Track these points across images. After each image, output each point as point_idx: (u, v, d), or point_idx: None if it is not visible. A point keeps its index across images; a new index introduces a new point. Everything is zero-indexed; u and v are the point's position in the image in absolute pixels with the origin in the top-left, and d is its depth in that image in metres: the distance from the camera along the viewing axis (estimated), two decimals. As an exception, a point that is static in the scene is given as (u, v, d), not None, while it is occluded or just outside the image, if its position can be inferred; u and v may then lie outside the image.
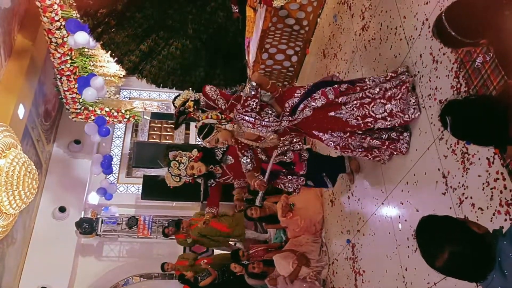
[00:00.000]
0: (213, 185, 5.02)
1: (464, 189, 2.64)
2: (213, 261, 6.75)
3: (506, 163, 2.32)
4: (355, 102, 3.24)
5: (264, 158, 3.75)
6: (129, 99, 10.20)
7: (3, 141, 3.48)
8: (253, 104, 3.27)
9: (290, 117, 3.35)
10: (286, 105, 3.37)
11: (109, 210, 8.74)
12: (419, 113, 3.11)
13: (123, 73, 8.28)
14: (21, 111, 6.33)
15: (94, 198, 8.87)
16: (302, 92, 3.37)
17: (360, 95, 3.25)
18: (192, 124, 10.55)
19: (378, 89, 3.20)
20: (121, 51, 6.08)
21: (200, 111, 5.15)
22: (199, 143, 9.66)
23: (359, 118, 3.24)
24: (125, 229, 8.65)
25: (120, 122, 8.37)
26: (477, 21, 1.62)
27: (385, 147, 3.37)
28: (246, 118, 3.29)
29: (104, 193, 8.55)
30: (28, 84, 6.55)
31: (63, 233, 8.13)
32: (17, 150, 3.71)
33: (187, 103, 4.97)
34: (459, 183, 2.68)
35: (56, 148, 8.79)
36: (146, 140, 10.62)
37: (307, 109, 3.31)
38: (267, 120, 3.29)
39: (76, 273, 8.37)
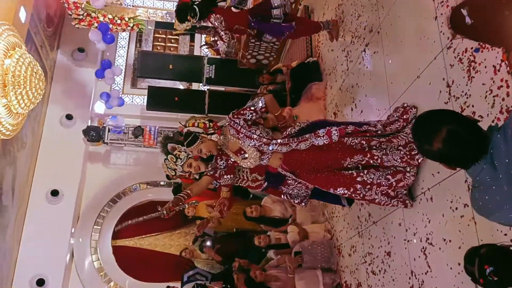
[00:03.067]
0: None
1: (467, 97, 2.67)
2: None
3: None
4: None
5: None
6: (132, 6, 9.89)
7: (7, 40, 3.46)
8: (249, 116, 3.15)
9: (281, 141, 3.17)
10: (284, 132, 3.25)
11: (117, 120, 8.86)
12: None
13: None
14: (22, 15, 6.18)
15: (100, 107, 8.96)
16: (301, 126, 3.26)
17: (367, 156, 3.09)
18: (197, 38, 10.35)
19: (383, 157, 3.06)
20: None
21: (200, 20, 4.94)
22: (204, 54, 9.55)
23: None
24: (131, 138, 8.82)
25: (124, 30, 8.21)
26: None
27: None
28: (236, 121, 3.15)
29: (108, 98, 8.58)
30: (28, -14, 6.34)
31: (71, 141, 8.33)
32: (22, 50, 3.69)
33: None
34: (462, 91, 2.70)
35: (60, 56, 8.71)
36: (151, 50, 10.47)
37: (303, 143, 3.15)
38: (253, 132, 3.14)
39: (85, 178, 8.70)
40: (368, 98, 4.23)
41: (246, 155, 3.25)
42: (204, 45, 8.91)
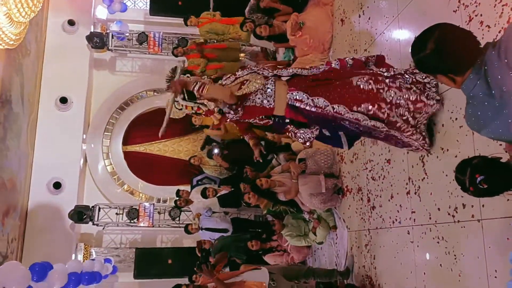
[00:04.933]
0: None
1: (476, 6, 2.59)
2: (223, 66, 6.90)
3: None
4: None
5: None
6: None
7: None
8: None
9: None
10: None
11: (122, 25, 8.65)
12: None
13: None
14: None
15: (102, 12, 8.71)
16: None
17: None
18: None
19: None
20: None
21: None
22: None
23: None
24: (135, 45, 8.69)
25: None
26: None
27: None
28: None
29: (110, 2, 8.33)
30: None
31: (76, 47, 8.22)
32: (17, -46, 3.54)
33: None
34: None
35: (58, -43, 8.30)
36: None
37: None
38: None
39: (92, 85, 8.73)
40: (376, 4, 4.09)
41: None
42: None
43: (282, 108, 3.16)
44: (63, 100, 7.92)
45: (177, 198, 7.11)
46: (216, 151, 7.14)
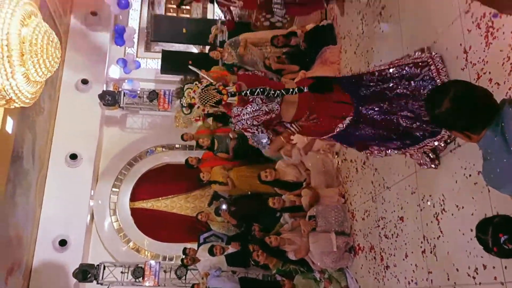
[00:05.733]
0: None
1: (484, 64, 2.63)
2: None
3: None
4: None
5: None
6: (144, -32, 9.72)
7: (24, 9, 3.47)
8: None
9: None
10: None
11: (133, 84, 8.90)
12: None
13: None
14: (35, -21, 6.15)
15: (115, 72, 8.98)
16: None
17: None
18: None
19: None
20: None
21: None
22: (217, 17, 9.42)
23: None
24: (146, 102, 8.88)
25: (137, -7, 8.10)
26: None
27: None
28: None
29: (125, 64, 8.62)
30: (39, -51, 6.26)
31: (88, 105, 8.41)
32: (38, 18, 3.70)
33: None
34: (479, 58, 2.66)
35: (74, 20, 8.67)
36: (163, 13, 10.35)
37: None
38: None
39: (102, 142, 8.84)
40: (383, 63, 4.17)
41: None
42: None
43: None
44: (73, 156, 7.99)
45: (184, 256, 6.96)
46: (223, 207, 7.05)
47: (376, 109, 2.95)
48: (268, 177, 5.61)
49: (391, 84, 2.93)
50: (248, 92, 3.04)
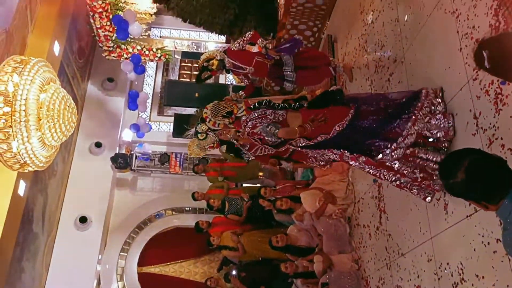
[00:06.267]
0: None
1: (495, 130, 2.63)
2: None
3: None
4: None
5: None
6: (160, 37, 10.18)
7: (43, 76, 3.61)
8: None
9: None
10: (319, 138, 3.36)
11: (144, 147, 9.03)
12: None
13: (154, 10, 8.24)
14: (56, 48, 6.46)
15: (127, 135, 9.16)
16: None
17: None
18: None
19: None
20: (150, -19, 6.02)
21: (224, 70, 5.14)
22: (229, 82, 9.70)
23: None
24: (157, 165, 8.96)
25: (152, 60, 8.44)
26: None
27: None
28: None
29: (138, 129, 8.80)
30: (62, 20, 6.62)
31: (100, 167, 8.50)
32: (56, 84, 3.85)
33: (212, 61, 4.94)
34: (490, 123, 2.67)
35: (91, 86, 9.00)
36: (177, 79, 10.70)
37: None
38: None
39: (112, 205, 8.83)
40: (393, 127, 4.20)
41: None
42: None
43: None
44: (83, 219, 7.96)
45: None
46: (233, 272, 6.86)
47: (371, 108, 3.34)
48: (280, 243, 5.49)
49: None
50: (256, 104, 3.48)
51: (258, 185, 7.29)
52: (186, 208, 9.15)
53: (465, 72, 2.93)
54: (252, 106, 3.50)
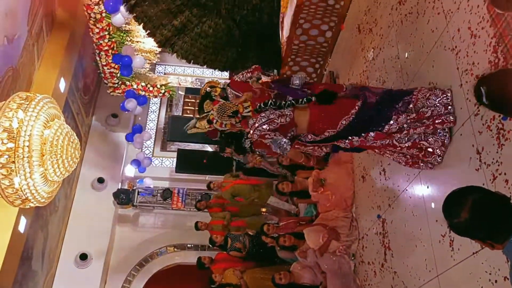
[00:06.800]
0: None
1: (498, 165, 2.62)
2: (245, 224, 6.95)
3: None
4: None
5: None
6: (164, 74, 10.35)
7: (48, 112, 3.65)
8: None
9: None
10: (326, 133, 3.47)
11: (144, 183, 9.01)
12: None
13: (159, 49, 8.40)
14: (62, 85, 6.56)
15: (130, 171, 9.16)
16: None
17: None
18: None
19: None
20: (153, 24, 6.14)
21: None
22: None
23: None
24: (160, 201, 8.91)
25: (156, 96, 8.53)
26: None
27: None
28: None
29: (138, 164, 8.79)
30: (69, 58, 6.75)
31: (102, 203, 8.46)
32: (60, 121, 3.89)
33: (216, 88, 5.02)
34: (493, 159, 2.66)
35: (95, 122, 9.08)
36: (181, 114, 10.79)
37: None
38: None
39: (114, 241, 8.73)
40: (394, 164, 4.19)
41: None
42: None
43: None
44: (83, 256, 7.84)
45: None
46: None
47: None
48: (283, 280, 5.38)
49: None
50: (262, 105, 3.52)
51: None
52: (188, 245, 9.04)
53: (466, 107, 2.95)
54: (258, 107, 3.57)
